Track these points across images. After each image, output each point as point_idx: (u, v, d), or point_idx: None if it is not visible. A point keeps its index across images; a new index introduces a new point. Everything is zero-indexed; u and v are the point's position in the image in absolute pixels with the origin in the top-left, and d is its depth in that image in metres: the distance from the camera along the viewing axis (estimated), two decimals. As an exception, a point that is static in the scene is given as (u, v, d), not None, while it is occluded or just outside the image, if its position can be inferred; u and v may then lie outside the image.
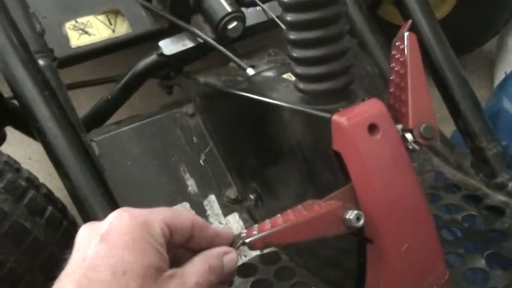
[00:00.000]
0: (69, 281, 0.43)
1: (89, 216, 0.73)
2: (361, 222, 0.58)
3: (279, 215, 0.58)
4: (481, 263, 0.75)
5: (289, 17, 0.63)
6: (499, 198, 0.86)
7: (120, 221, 0.45)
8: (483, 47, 1.58)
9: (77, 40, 0.96)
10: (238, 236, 0.55)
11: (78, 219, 0.82)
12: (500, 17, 1.37)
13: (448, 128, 1.13)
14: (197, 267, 0.48)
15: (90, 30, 0.97)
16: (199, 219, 0.52)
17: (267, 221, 0.57)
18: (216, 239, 0.53)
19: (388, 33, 1.06)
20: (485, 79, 1.58)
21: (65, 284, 0.43)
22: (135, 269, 0.43)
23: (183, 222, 0.50)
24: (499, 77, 1.42)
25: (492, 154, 0.89)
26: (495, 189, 0.88)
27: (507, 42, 1.43)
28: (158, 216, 0.47)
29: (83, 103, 1.25)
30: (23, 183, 0.74)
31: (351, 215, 0.58)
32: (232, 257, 0.52)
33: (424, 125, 0.63)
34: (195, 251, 0.51)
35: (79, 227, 0.90)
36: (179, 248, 0.51)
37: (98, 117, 1.01)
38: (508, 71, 1.25)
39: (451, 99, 0.94)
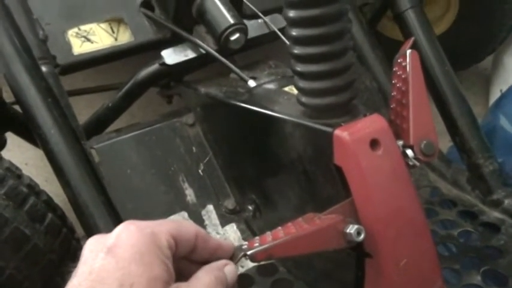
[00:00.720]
0: None
1: (88, 223, 0.73)
2: (362, 236, 0.58)
3: (279, 228, 0.58)
4: (477, 279, 0.75)
5: (294, 32, 0.63)
6: (495, 215, 0.87)
7: (127, 233, 0.46)
8: (479, 64, 1.60)
9: (79, 47, 0.96)
10: (240, 247, 0.55)
11: (77, 226, 0.82)
12: (498, 35, 1.39)
13: (444, 143, 1.14)
14: (203, 279, 0.48)
15: (93, 37, 0.97)
16: (201, 231, 0.52)
17: (268, 233, 0.57)
18: (218, 250, 0.53)
19: (386, 48, 1.08)
20: (480, 96, 1.60)
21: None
22: (142, 282, 0.43)
23: (187, 234, 0.50)
24: (495, 94, 1.44)
25: (488, 171, 0.90)
26: (491, 206, 0.89)
27: (503, 60, 1.45)
28: (164, 228, 0.48)
29: (82, 110, 1.25)
30: (24, 189, 0.74)
31: (351, 229, 0.58)
32: (232, 269, 0.52)
33: (424, 142, 0.64)
34: (197, 263, 0.52)
35: (77, 234, 0.91)
36: (182, 260, 0.51)
37: (98, 124, 1.01)
38: (504, 89, 1.26)
39: (448, 116, 0.96)
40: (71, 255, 0.80)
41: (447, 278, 0.77)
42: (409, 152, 0.64)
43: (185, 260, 0.51)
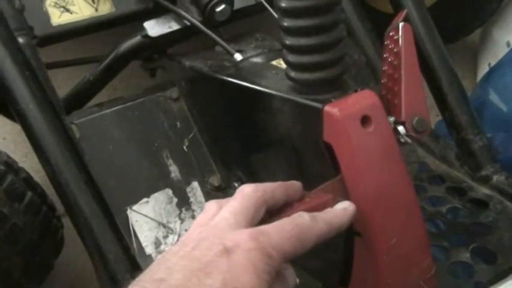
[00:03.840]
0: (179, 269, 0.43)
1: (69, 201, 0.71)
2: (351, 216, 0.57)
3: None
4: (466, 256, 0.75)
5: (283, 4, 0.60)
6: (484, 191, 0.86)
7: (246, 247, 0.45)
8: (467, 37, 1.59)
9: (58, 18, 0.92)
10: None
11: (57, 203, 0.80)
12: (487, 6, 1.36)
13: (432, 117, 1.12)
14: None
15: (72, 8, 0.93)
16: (277, 194, 0.54)
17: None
18: (288, 192, 0.55)
19: (375, 20, 1.05)
20: (468, 69, 1.59)
21: (175, 273, 0.43)
22: None
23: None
24: (483, 68, 1.42)
25: (478, 147, 0.89)
26: (480, 182, 0.88)
27: (492, 33, 1.43)
28: (281, 252, 0.47)
29: (62, 83, 1.21)
30: (2, 167, 0.71)
31: (340, 208, 0.57)
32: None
33: (416, 118, 0.62)
34: None
35: (58, 212, 0.89)
36: None
37: (79, 98, 0.98)
38: (492, 63, 1.25)
39: (438, 90, 0.94)
40: (51, 234, 0.77)
41: (436, 255, 0.76)
42: (401, 128, 0.62)
43: None
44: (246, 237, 0.45)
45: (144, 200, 0.86)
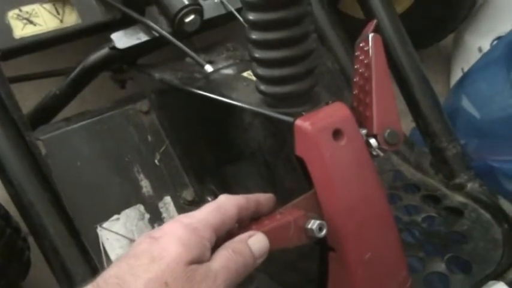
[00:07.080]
0: (113, 266, 0.46)
1: (34, 223, 0.68)
2: (323, 232, 0.56)
3: (237, 225, 0.55)
4: (442, 266, 0.74)
5: (251, 16, 0.59)
6: (458, 199, 0.86)
7: (172, 227, 0.48)
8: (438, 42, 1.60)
9: (21, 30, 0.88)
10: None
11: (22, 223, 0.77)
12: (459, 12, 1.37)
13: (407, 123, 1.12)
14: (219, 256, 0.49)
15: (36, 19, 0.90)
16: (242, 203, 0.53)
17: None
18: (259, 208, 0.56)
19: (348, 27, 1.04)
20: (441, 74, 1.60)
21: (109, 269, 0.46)
22: (173, 256, 0.45)
23: (230, 219, 0.52)
24: (456, 73, 1.43)
25: (452, 154, 0.89)
26: (454, 190, 0.88)
27: (464, 38, 1.44)
28: (208, 224, 0.49)
29: (28, 95, 1.18)
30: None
31: (313, 224, 0.56)
32: (259, 239, 0.52)
33: (388, 131, 0.62)
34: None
35: (24, 233, 0.86)
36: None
37: (45, 113, 0.95)
38: (465, 68, 1.25)
39: (411, 98, 0.94)
40: (17, 256, 0.75)
41: (412, 265, 0.75)
42: (373, 141, 0.62)
43: None
44: (174, 225, 0.48)
45: (115, 216, 0.83)
